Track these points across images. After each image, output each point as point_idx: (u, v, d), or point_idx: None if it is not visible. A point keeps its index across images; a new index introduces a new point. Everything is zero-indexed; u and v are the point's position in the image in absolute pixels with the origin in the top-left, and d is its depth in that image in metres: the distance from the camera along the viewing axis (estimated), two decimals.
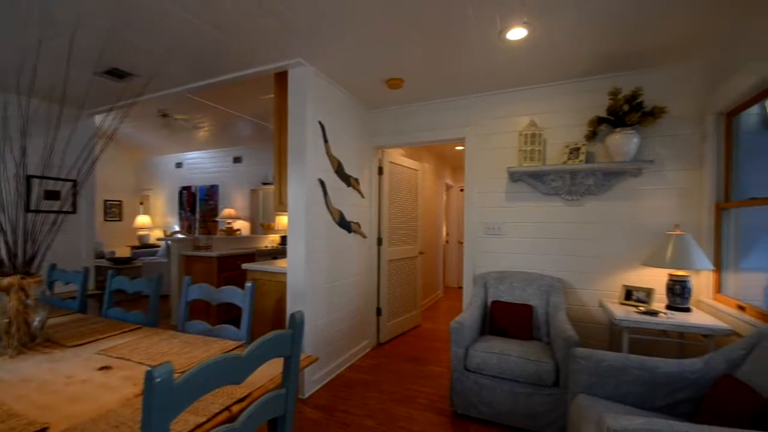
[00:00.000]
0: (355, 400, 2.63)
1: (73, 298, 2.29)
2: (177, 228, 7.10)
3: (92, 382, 1.22)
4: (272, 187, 2.99)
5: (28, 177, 3.26)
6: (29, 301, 1.49)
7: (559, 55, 2.52)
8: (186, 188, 7.02)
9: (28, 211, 1.55)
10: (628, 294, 2.58)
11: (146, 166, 7.54)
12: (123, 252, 7.03)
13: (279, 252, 5.24)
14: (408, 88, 3.16)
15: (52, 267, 2.39)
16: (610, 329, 2.75)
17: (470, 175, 3.34)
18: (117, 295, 2.22)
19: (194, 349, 1.51)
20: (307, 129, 2.68)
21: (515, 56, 2.55)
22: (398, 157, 4.16)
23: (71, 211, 3.76)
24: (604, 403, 1.67)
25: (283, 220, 5.48)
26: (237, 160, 6.45)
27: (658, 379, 1.67)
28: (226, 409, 1.04)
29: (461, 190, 7.08)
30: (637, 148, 2.63)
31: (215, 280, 4.12)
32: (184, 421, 0.96)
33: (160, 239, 5.92)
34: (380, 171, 3.86)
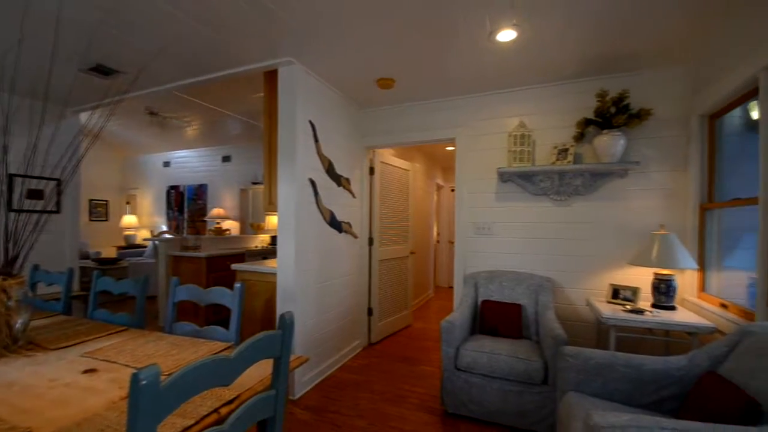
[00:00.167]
0: (346, 401, 2.62)
1: (57, 299, 2.24)
2: (164, 228, 6.99)
3: (77, 385, 1.19)
4: (262, 187, 2.96)
5: (10, 176, 3.17)
6: (11, 303, 1.45)
7: (548, 57, 2.55)
8: (174, 187, 6.92)
9: (10, 210, 1.52)
10: (615, 293, 2.62)
11: (133, 164, 7.41)
12: (109, 252, 6.90)
13: (269, 252, 5.20)
14: (399, 88, 3.17)
15: (35, 268, 2.33)
16: (597, 327, 2.79)
17: (461, 176, 3.36)
18: (102, 297, 2.18)
19: (182, 351, 1.49)
20: (297, 128, 2.66)
21: (505, 58, 2.57)
22: (389, 157, 4.17)
23: (55, 211, 3.68)
24: (592, 400, 1.70)
25: (273, 220, 5.43)
26: (226, 159, 6.38)
27: (645, 377, 1.70)
28: (215, 411, 1.03)
29: (452, 190, 7.12)
30: (623, 150, 2.67)
31: (204, 281, 4.07)
32: (171, 424, 0.94)
33: (147, 239, 5.84)
34: (371, 171, 3.85)
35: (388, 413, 2.46)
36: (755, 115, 2.05)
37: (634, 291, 2.55)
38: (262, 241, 5.77)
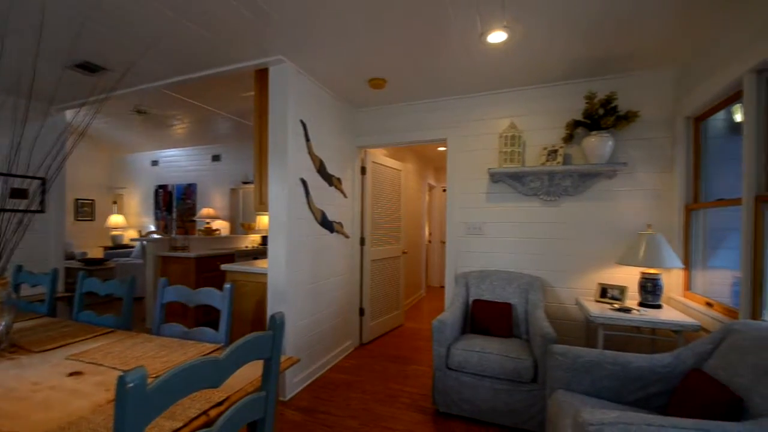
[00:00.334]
0: (338, 401, 2.62)
1: (42, 301, 2.19)
2: (152, 228, 6.89)
3: (62, 388, 1.17)
4: (253, 186, 2.94)
5: None
6: None
7: (538, 59, 2.58)
8: (162, 187, 6.82)
9: None
10: (603, 292, 2.66)
11: (120, 163, 7.29)
12: (95, 253, 6.77)
13: (260, 252, 5.16)
14: (391, 89, 3.17)
15: (19, 268, 2.28)
16: (586, 326, 2.83)
17: (452, 176, 3.38)
18: (88, 298, 2.13)
19: (170, 353, 1.47)
20: (288, 127, 2.65)
21: (496, 59, 2.59)
22: (381, 157, 4.17)
23: (39, 210, 3.60)
24: (581, 398, 1.72)
25: (264, 220, 5.39)
26: (216, 158, 6.31)
27: (632, 374, 1.73)
28: (204, 413, 1.02)
29: (444, 191, 7.15)
30: (611, 151, 2.71)
31: (193, 282, 4.02)
32: (160, 427, 0.93)
33: (135, 239, 5.73)
34: (363, 171, 3.85)
35: (380, 413, 2.46)
36: (738, 117, 2.10)
37: (622, 290, 2.59)
38: (252, 241, 5.72)
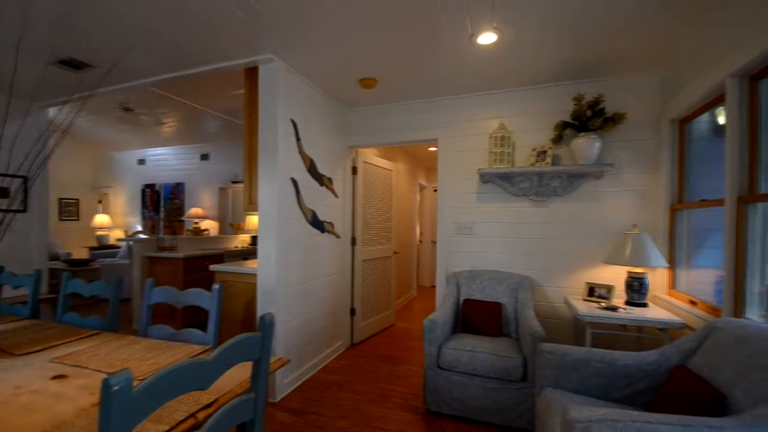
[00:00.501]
0: (329, 402, 2.61)
1: (24, 303, 2.14)
2: (139, 228, 6.77)
3: (45, 391, 1.14)
4: (242, 186, 2.90)
5: None
6: None
7: (527, 60, 2.60)
8: (149, 186, 6.71)
9: None
10: (591, 291, 2.70)
11: (106, 162, 7.14)
12: (80, 253, 6.62)
13: (249, 252, 5.11)
14: (382, 89, 3.17)
15: (0, 269, 2.22)
16: (574, 324, 2.87)
17: (443, 176, 3.39)
18: (73, 300, 2.09)
19: (158, 355, 1.45)
20: (278, 126, 2.62)
21: (486, 60, 2.61)
22: (372, 157, 4.16)
23: (21, 210, 3.50)
24: (569, 395, 1.74)
25: (254, 220, 5.34)
26: (204, 157, 6.23)
27: (619, 372, 1.76)
28: (192, 416, 1.00)
29: (435, 191, 7.17)
30: (599, 152, 2.76)
31: (181, 283, 3.96)
32: (146, 430, 0.91)
33: (121, 240, 5.62)
34: (354, 171, 3.84)
35: (371, 413, 2.46)
36: (722, 120, 2.15)
37: (609, 289, 2.63)
38: (242, 241, 5.67)
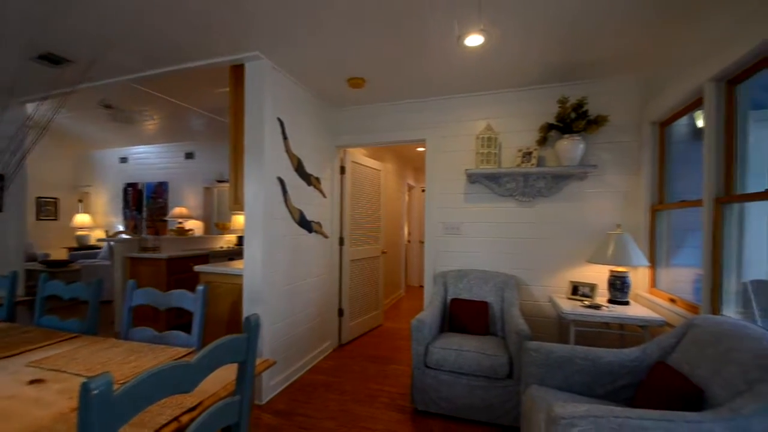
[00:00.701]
0: (316, 403, 2.59)
1: (0, 305, 2.07)
2: (121, 228, 6.61)
3: (21, 397, 1.10)
4: (228, 185, 2.86)
5: None
6: None
7: (514, 63, 2.63)
8: (132, 185, 6.55)
9: None
10: (575, 289, 2.75)
11: (86, 160, 6.95)
12: (59, 254, 6.42)
13: (235, 253, 5.04)
14: (370, 88, 3.16)
15: None
16: (559, 323, 2.92)
17: (431, 176, 3.41)
18: (51, 302, 2.03)
19: (140, 358, 1.42)
20: (265, 125, 2.60)
21: (473, 62, 2.63)
22: (361, 157, 4.15)
23: None
24: (554, 392, 1.77)
25: (240, 220, 5.28)
26: (189, 155, 6.11)
27: (602, 368, 1.79)
28: (175, 419, 0.98)
29: (423, 191, 7.20)
30: (583, 154, 2.81)
31: (164, 284, 3.88)
32: None
33: (102, 240, 5.48)
34: (342, 170, 3.83)
35: (359, 413, 2.45)
36: (700, 123, 2.22)
37: (592, 287, 2.69)
38: (227, 241, 5.59)
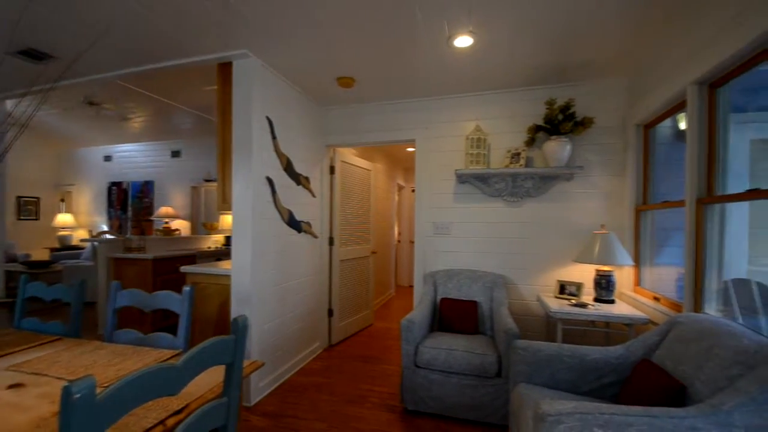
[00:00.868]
0: (305, 404, 2.57)
1: None
2: (105, 228, 6.47)
3: (0, 402, 1.07)
4: (215, 185, 2.83)
5: None
6: None
7: (503, 64, 2.66)
8: (116, 184, 6.42)
9: None
10: (562, 288, 2.79)
11: (69, 158, 6.78)
12: (40, 255, 6.26)
13: (223, 253, 4.98)
14: (360, 88, 3.16)
15: None
16: (546, 321, 2.95)
17: (420, 177, 3.42)
18: (32, 304, 1.97)
19: (124, 360, 1.39)
20: (253, 124, 2.57)
21: (463, 63, 2.65)
22: (350, 157, 4.14)
23: None
24: (541, 390, 1.79)
25: (228, 220, 5.21)
26: (175, 154, 6.02)
27: (588, 366, 1.82)
28: (160, 423, 0.96)
29: (413, 191, 7.22)
30: (569, 155, 2.85)
31: (150, 285, 3.82)
32: None
33: (85, 240, 5.35)
34: (332, 170, 3.81)
35: (349, 414, 2.45)
36: (683, 125, 2.27)
37: (579, 286, 2.73)
38: (215, 241, 5.51)
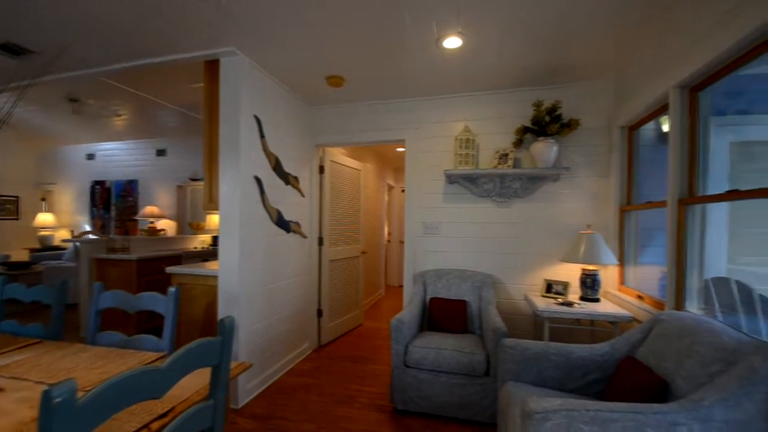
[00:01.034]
0: (294, 406, 2.55)
1: None
2: (88, 228, 6.32)
3: None
4: (202, 184, 2.78)
5: None
6: None
7: (491, 66, 2.68)
8: (99, 183, 6.27)
9: None
10: (549, 287, 2.83)
11: (50, 156, 6.60)
12: (20, 255, 6.07)
13: (210, 254, 4.91)
14: (349, 87, 3.15)
15: None
16: (534, 320, 2.99)
17: (410, 177, 3.42)
18: (11, 306, 1.91)
19: (107, 363, 1.36)
20: (241, 123, 2.54)
21: (452, 64, 2.66)
22: (340, 157, 4.13)
23: None
24: (528, 388, 1.81)
25: (215, 220, 5.14)
26: (161, 152, 5.90)
27: (574, 363, 1.85)
28: (145, 426, 0.94)
29: (402, 191, 7.23)
30: (556, 156, 2.89)
31: (134, 286, 3.74)
32: None
33: (67, 240, 5.21)
34: (321, 170, 3.79)
35: (338, 415, 2.44)
36: (665, 128, 2.32)
37: (565, 285, 2.77)
38: (202, 241, 5.43)
